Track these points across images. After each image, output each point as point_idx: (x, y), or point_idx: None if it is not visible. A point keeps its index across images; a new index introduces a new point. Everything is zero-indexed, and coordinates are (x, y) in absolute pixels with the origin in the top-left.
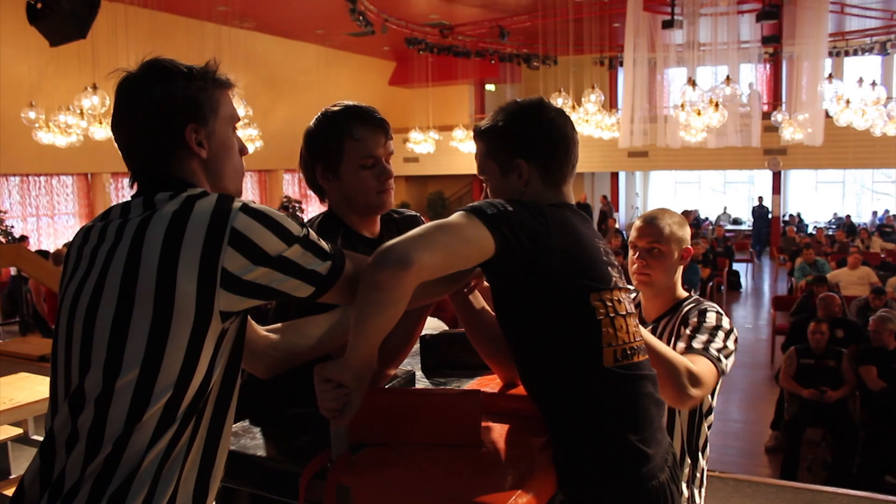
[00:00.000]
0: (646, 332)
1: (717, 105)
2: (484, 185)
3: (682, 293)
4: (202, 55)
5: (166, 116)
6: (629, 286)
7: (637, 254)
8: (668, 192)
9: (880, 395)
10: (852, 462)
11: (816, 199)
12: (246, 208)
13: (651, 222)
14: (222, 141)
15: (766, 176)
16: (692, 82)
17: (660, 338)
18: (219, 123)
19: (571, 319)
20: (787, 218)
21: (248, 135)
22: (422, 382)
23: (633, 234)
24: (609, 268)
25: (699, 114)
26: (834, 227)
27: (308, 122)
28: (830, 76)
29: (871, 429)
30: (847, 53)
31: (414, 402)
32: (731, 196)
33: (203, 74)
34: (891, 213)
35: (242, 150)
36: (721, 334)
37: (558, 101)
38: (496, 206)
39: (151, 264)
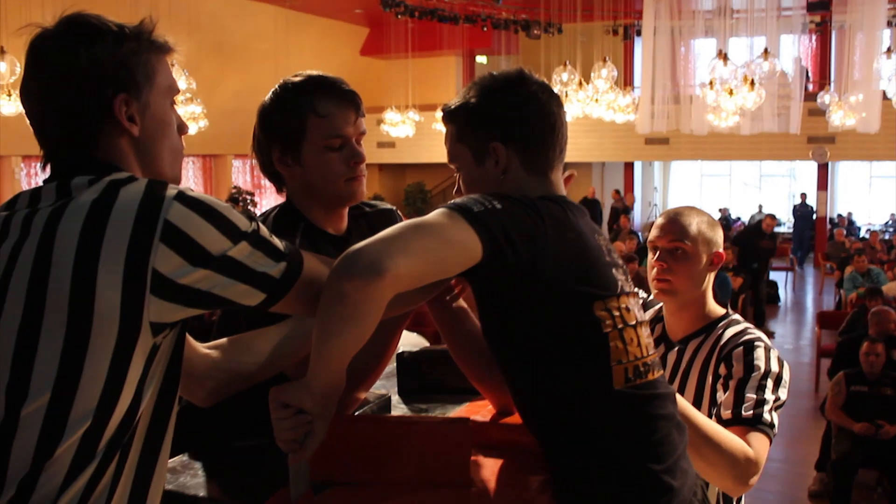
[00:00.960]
0: (694, 412)
1: (752, 83)
2: (456, 175)
3: (716, 309)
4: (136, 16)
5: (91, 85)
6: (648, 296)
7: (657, 255)
8: (692, 187)
9: None
10: None
11: (870, 196)
12: (182, 197)
13: (675, 219)
14: (158, 116)
15: (810, 169)
16: (723, 56)
17: (689, 364)
18: (154, 95)
19: (573, 335)
20: (834, 219)
21: (191, 112)
22: (399, 409)
23: (653, 232)
24: (613, 270)
25: (731, 94)
26: (891, 230)
27: (263, 97)
28: (889, 50)
29: None
30: None
31: (390, 433)
32: (767, 192)
33: (137, 35)
34: None
35: (182, 128)
36: (770, 383)
37: (563, 77)
38: (483, 203)
39: (65, 265)
